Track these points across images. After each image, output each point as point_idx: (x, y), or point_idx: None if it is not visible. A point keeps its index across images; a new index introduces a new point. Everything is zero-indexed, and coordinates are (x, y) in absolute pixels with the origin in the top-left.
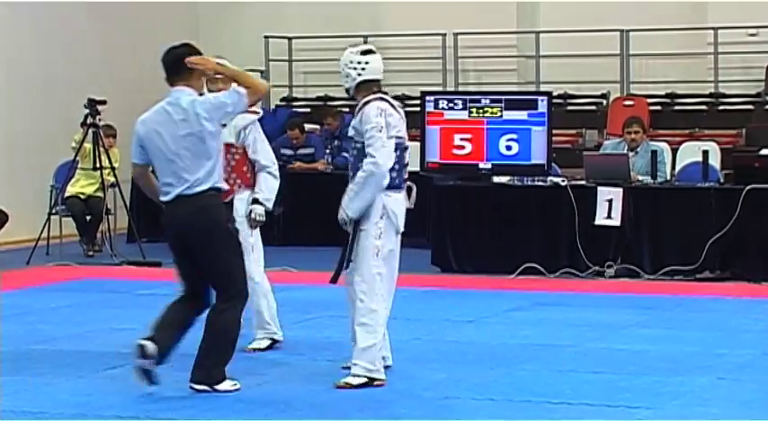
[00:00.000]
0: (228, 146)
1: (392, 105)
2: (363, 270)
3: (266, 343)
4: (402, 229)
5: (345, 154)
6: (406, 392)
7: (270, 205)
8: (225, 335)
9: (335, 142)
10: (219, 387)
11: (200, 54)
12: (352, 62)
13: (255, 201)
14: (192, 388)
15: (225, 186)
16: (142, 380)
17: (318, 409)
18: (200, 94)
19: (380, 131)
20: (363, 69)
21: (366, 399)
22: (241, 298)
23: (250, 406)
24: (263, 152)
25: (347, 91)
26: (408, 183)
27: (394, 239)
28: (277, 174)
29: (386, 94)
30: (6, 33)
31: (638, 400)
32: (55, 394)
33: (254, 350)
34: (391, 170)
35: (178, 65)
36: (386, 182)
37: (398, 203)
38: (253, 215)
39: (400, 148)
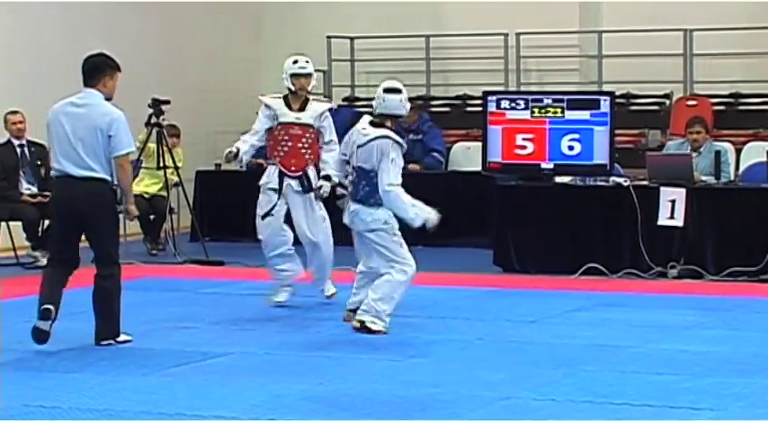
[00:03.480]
0: (307, 127)
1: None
2: None
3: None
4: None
5: (435, 153)
6: (468, 392)
7: (336, 180)
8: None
9: (410, 135)
10: (120, 339)
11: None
12: (377, 95)
13: (326, 178)
14: (99, 344)
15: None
16: (39, 340)
17: (379, 409)
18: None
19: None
20: (380, 104)
21: (427, 399)
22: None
23: (312, 405)
24: (333, 134)
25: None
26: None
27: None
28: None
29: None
30: (73, 34)
31: (701, 402)
32: (119, 392)
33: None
34: None
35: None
36: None
37: None
38: (321, 191)
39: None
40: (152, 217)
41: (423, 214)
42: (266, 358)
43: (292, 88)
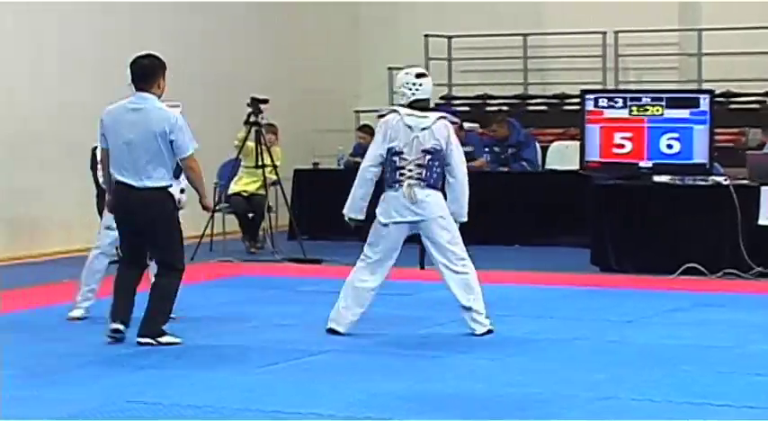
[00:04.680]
0: None
1: (405, 116)
2: None
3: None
4: (385, 221)
5: (524, 162)
6: (565, 392)
7: None
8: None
9: (509, 150)
10: (162, 339)
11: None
12: (407, 83)
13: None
14: (138, 342)
15: None
16: (114, 340)
17: (476, 408)
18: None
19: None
20: (417, 90)
21: (524, 399)
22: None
23: (408, 404)
24: None
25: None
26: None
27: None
28: None
29: (423, 110)
30: (172, 34)
31: None
32: (218, 389)
33: None
34: (383, 171)
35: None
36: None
37: (389, 199)
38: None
39: (390, 153)
40: (250, 215)
41: None
42: (363, 357)
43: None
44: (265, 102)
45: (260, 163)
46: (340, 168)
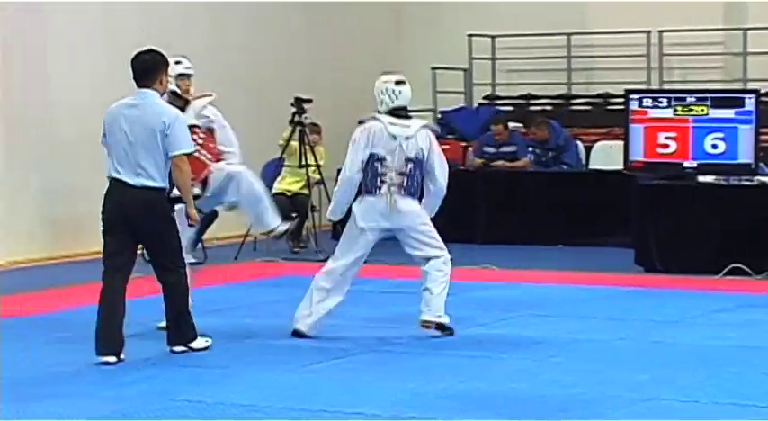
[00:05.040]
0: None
1: (389, 124)
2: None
3: None
4: (362, 225)
5: (564, 166)
6: (610, 393)
7: None
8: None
9: (549, 153)
10: (194, 345)
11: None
12: (387, 90)
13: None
14: (172, 351)
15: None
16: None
17: (520, 408)
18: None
19: (352, 145)
20: (397, 97)
21: (568, 399)
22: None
23: (452, 403)
24: None
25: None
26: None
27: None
28: None
29: (404, 117)
30: (216, 34)
31: None
32: (262, 387)
33: None
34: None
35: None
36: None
37: (367, 203)
38: None
39: (373, 158)
40: (294, 215)
41: None
42: (407, 356)
43: None
44: (309, 101)
45: (303, 162)
46: None
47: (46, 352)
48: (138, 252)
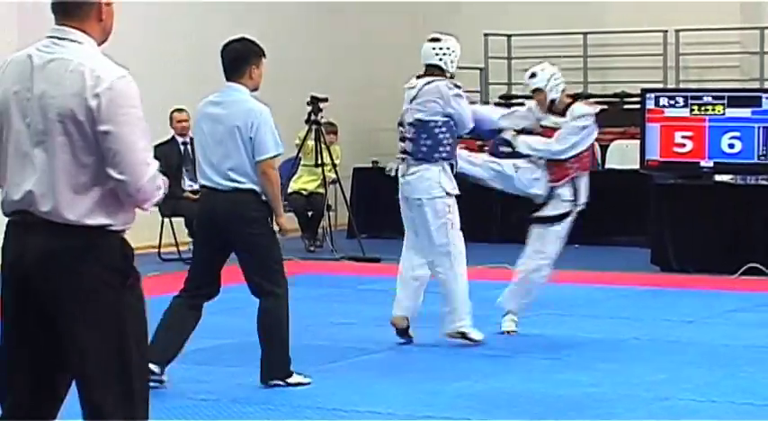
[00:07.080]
0: None
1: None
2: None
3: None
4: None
5: None
6: (626, 392)
7: None
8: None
9: None
10: (291, 380)
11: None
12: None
13: None
14: (266, 384)
15: None
16: None
17: (536, 408)
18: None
19: (463, 98)
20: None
21: (584, 399)
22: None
23: (467, 403)
24: None
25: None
26: None
27: None
28: None
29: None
30: (234, 33)
31: None
32: (277, 386)
33: None
34: None
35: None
36: None
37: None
38: None
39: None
40: (310, 214)
41: None
42: (422, 355)
43: None
44: (325, 100)
45: (319, 161)
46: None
47: None
48: (154, 250)
